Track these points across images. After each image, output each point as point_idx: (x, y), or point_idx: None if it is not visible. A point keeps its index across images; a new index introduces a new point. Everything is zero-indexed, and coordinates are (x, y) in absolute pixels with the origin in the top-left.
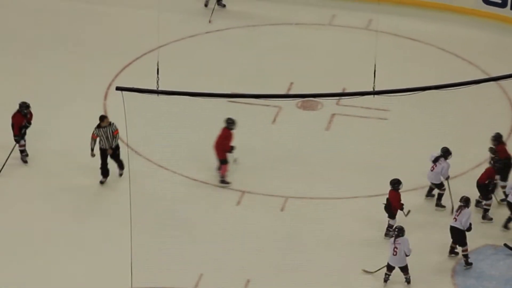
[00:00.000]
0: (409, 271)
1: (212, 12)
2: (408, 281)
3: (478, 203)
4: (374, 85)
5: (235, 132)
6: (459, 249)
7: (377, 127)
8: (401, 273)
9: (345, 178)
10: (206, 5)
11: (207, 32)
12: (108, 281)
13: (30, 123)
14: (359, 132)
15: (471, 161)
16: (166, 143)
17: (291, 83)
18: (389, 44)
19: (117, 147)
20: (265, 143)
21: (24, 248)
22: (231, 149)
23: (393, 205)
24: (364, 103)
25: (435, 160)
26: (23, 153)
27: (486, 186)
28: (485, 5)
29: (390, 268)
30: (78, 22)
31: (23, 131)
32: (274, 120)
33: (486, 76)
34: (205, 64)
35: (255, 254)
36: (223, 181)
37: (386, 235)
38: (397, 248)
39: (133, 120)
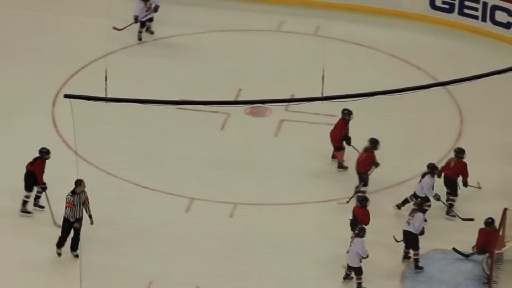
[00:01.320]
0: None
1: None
2: (358, 286)
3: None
4: (322, 91)
5: None
6: (411, 253)
7: (326, 132)
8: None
9: (294, 183)
10: (140, 39)
11: (154, 40)
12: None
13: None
14: (308, 138)
15: (420, 166)
16: (115, 150)
17: (240, 90)
18: (338, 50)
19: (81, 218)
20: (214, 150)
21: None
22: (345, 138)
23: (359, 221)
24: (312, 109)
25: (423, 176)
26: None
27: (455, 182)
28: (433, 10)
29: (349, 266)
30: (26, 30)
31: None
32: (223, 127)
33: (434, 81)
34: (153, 71)
35: (204, 261)
36: (341, 166)
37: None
38: (351, 247)
39: (81, 128)
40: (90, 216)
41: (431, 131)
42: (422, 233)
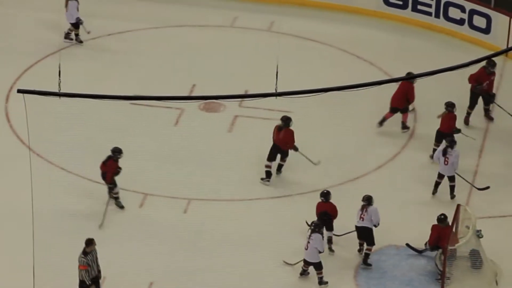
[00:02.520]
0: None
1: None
2: (320, 281)
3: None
4: (276, 87)
5: None
6: (366, 247)
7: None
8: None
9: (248, 179)
10: (66, 38)
11: (109, 34)
12: (9, 283)
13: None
14: (262, 133)
15: (375, 162)
16: (69, 145)
17: (193, 85)
18: (291, 45)
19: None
20: (167, 145)
21: None
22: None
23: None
24: (266, 105)
25: (444, 153)
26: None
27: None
28: (386, 6)
29: (306, 262)
30: None
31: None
32: (177, 122)
33: (387, 77)
34: (107, 66)
35: (158, 256)
36: (405, 127)
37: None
38: (309, 243)
39: (34, 123)
40: (99, 271)
41: (385, 127)
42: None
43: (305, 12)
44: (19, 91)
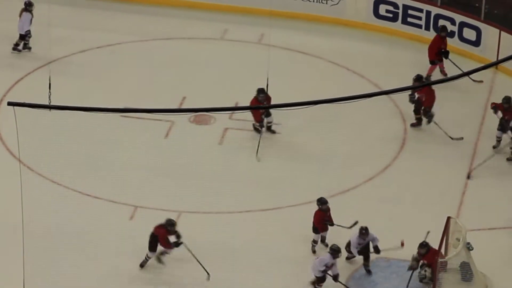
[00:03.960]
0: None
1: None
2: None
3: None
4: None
5: None
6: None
7: (270, 141)
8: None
9: (239, 192)
10: (14, 49)
11: (98, 47)
12: None
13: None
14: (252, 146)
15: (365, 175)
16: (58, 158)
17: (184, 98)
18: (282, 58)
19: None
20: (158, 158)
21: None
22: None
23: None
24: None
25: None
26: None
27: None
28: (376, 19)
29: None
30: None
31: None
32: (167, 135)
33: (378, 90)
34: (98, 79)
35: (148, 269)
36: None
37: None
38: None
39: (25, 136)
40: None
41: (375, 139)
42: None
43: (295, 24)
44: (9, 103)
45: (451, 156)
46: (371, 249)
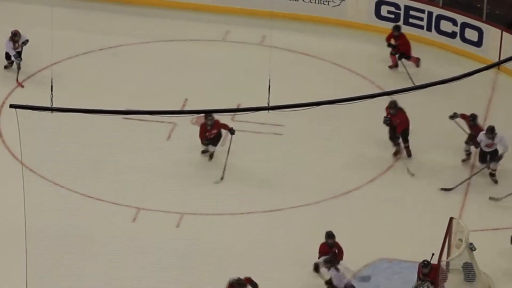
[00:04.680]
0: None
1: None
2: None
3: None
4: (268, 101)
5: None
6: None
7: (272, 142)
8: None
9: (241, 193)
10: (6, 67)
11: (100, 49)
12: None
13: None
14: (254, 147)
15: (366, 176)
16: (61, 160)
17: (186, 99)
18: (284, 59)
19: None
20: (160, 159)
21: None
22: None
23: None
24: (259, 119)
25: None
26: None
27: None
28: (377, 20)
29: None
30: None
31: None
32: (169, 137)
33: (380, 91)
34: (100, 81)
35: (151, 271)
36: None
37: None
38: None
39: (27, 138)
40: None
41: (377, 141)
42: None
43: (297, 26)
44: (11, 106)
45: (453, 157)
46: None
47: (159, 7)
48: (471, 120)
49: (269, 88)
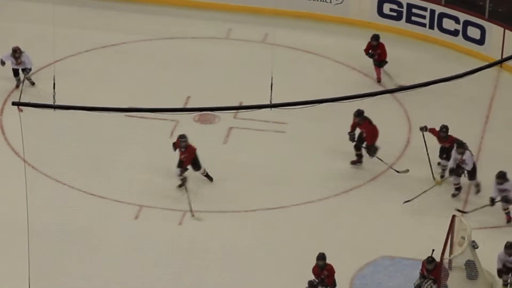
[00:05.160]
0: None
1: (21, 93)
2: None
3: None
4: (271, 98)
5: None
6: None
7: (275, 140)
8: None
9: (244, 191)
10: (17, 86)
11: (103, 47)
12: None
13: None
14: (257, 145)
15: (367, 174)
16: (63, 157)
17: (188, 97)
18: (286, 57)
19: None
20: (162, 157)
21: None
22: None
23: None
24: (261, 116)
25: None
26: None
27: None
28: (380, 18)
29: None
30: None
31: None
32: (172, 134)
33: (382, 89)
34: (102, 78)
35: (153, 269)
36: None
37: None
38: None
39: (29, 135)
40: None
41: (379, 138)
42: None
43: (299, 23)
44: (13, 103)
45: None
46: None
47: (161, 5)
48: (443, 131)
49: (271, 86)
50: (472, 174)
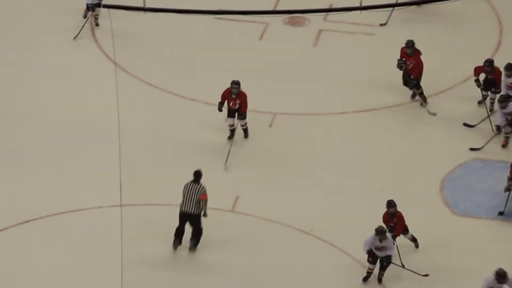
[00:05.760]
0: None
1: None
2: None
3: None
4: (361, 1)
5: None
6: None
7: (364, 42)
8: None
9: (334, 93)
10: (97, 24)
11: None
12: (96, 197)
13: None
14: (346, 47)
15: (458, 77)
16: (153, 60)
17: None
18: None
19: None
20: (252, 59)
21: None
22: None
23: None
24: (351, 19)
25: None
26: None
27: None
28: None
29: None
30: None
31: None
32: (261, 37)
33: None
34: None
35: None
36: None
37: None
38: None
39: (120, 39)
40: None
41: (469, 42)
42: None
43: None
44: (104, 6)
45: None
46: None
47: None
48: (487, 65)
49: None
50: None
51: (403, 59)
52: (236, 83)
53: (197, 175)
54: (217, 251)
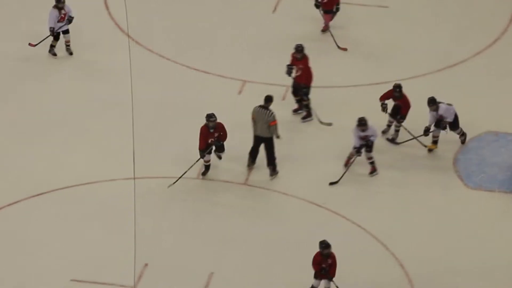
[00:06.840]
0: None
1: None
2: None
3: None
4: None
5: None
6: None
7: (378, 14)
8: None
9: (347, 65)
10: (54, 54)
11: None
12: (109, 170)
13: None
14: (360, 19)
15: (471, 49)
16: (166, 32)
17: None
18: None
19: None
20: (265, 32)
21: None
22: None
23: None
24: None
25: None
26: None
27: None
28: None
29: None
30: None
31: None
32: (275, 10)
33: None
34: None
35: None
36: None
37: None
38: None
39: (134, 9)
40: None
41: (482, 13)
42: None
43: None
44: None
45: None
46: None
47: None
48: (397, 91)
49: None
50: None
51: (292, 64)
52: (211, 116)
53: (268, 99)
54: (229, 222)
